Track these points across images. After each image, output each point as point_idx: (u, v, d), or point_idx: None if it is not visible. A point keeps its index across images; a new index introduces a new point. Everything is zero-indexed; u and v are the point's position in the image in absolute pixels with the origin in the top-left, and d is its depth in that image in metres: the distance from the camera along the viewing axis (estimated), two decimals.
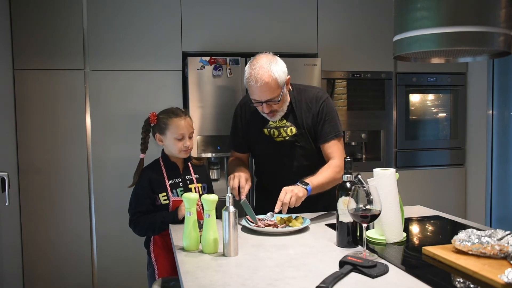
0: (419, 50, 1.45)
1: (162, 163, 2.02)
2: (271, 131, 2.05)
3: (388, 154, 3.43)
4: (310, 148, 2.03)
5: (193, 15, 3.00)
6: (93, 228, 2.90)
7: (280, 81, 1.89)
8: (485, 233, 1.34)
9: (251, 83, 1.88)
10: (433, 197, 3.45)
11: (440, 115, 3.59)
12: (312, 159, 2.04)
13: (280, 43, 3.10)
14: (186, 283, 1.23)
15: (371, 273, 1.24)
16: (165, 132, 1.97)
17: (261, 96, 1.89)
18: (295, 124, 2.02)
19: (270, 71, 1.87)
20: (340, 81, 3.32)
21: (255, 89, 1.89)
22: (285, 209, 1.74)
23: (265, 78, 1.85)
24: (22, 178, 2.79)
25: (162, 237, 1.98)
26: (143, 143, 2.05)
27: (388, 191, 1.54)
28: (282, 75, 1.91)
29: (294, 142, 2.02)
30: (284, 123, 2.03)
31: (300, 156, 2.04)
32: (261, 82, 1.85)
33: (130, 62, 2.92)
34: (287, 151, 2.04)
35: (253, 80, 1.87)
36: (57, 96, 2.83)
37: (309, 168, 1.99)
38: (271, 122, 2.04)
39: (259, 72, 1.86)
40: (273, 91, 1.88)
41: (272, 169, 2.10)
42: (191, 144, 1.99)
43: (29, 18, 2.78)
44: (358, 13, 3.30)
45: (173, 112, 2.00)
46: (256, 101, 1.93)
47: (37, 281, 2.83)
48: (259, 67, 1.88)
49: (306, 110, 2.02)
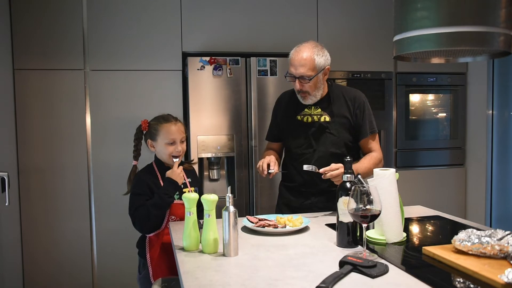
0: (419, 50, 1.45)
1: (156, 168, 2.02)
2: (304, 117, 2.12)
3: (388, 154, 3.43)
4: (339, 137, 2.09)
5: (193, 15, 3.00)
6: (93, 228, 2.90)
7: (318, 64, 2.01)
8: (485, 233, 1.34)
9: (292, 56, 2.03)
10: (433, 197, 3.45)
11: (440, 115, 3.59)
12: (339, 148, 2.09)
13: (280, 43, 3.10)
14: (186, 283, 1.23)
15: (371, 273, 1.24)
16: (156, 138, 1.99)
17: (296, 68, 2.00)
18: (329, 114, 2.10)
19: (312, 51, 2.01)
20: (340, 81, 3.32)
21: (293, 60, 2.02)
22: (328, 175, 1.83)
23: (305, 54, 2.00)
24: (22, 178, 2.79)
25: (157, 238, 1.97)
26: (136, 150, 2.07)
27: (388, 191, 1.54)
28: (322, 61, 2.03)
29: (325, 128, 2.09)
30: (319, 112, 2.11)
31: (328, 142, 2.09)
32: (300, 56, 2.00)
33: (130, 62, 2.92)
34: (315, 134, 2.10)
35: (295, 53, 2.03)
36: (57, 96, 2.83)
37: (335, 156, 2.05)
38: (306, 109, 2.12)
39: (302, 48, 2.02)
40: (308, 69, 1.99)
41: (299, 152, 2.14)
42: (182, 148, 2.00)
43: (29, 18, 2.78)
44: (358, 13, 3.30)
45: (163, 118, 2.02)
46: (291, 74, 2.03)
47: (37, 281, 2.83)
48: (304, 46, 2.03)
49: (344, 104, 2.12)
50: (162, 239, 1.96)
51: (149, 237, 1.97)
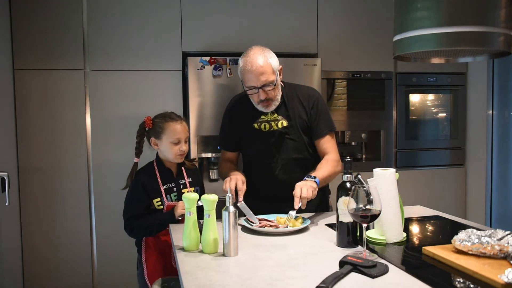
0: (419, 50, 1.45)
1: (156, 168, 2.00)
2: (261, 125, 2.06)
3: (388, 154, 3.43)
4: (300, 141, 2.04)
5: (193, 15, 3.00)
6: (93, 228, 2.90)
7: (274, 67, 1.95)
8: (485, 233, 1.34)
9: (247, 68, 1.93)
10: (433, 197, 3.45)
11: (440, 115, 3.59)
12: (301, 153, 2.05)
13: (280, 43, 3.10)
14: (186, 283, 1.23)
15: (371, 273, 1.24)
16: (161, 136, 1.96)
17: (257, 80, 1.92)
18: (286, 118, 2.04)
19: (265, 57, 1.94)
20: (340, 81, 3.32)
21: (251, 74, 1.92)
22: (304, 203, 1.75)
23: (261, 62, 1.92)
24: (22, 178, 2.79)
25: (154, 239, 1.97)
26: (138, 147, 2.03)
27: (388, 191, 1.54)
28: (275, 63, 1.97)
29: (284, 134, 2.04)
30: (276, 117, 2.05)
31: (289, 148, 2.04)
32: (257, 65, 1.91)
33: (130, 62, 2.92)
34: (276, 142, 2.04)
35: (248, 65, 1.93)
36: (57, 96, 2.83)
37: (297, 161, 2.02)
38: (262, 116, 2.05)
39: (254, 58, 1.93)
40: (269, 74, 1.93)
41: (261, 163, 2.08)
42: (186, 148, 1.99)
43: (29, 18, 2.78)
44: (358, 13, 3.30)
45: (169, 116, 1.99)
46: (251, 87, 1.95)
47: (37, 281, 2.82)
48: (253, 53, 1.95)
49: (299, 105, 2.05)
50: (160, 241, 1.97)
51: (146, 238, 1.97)
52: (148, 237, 1.97)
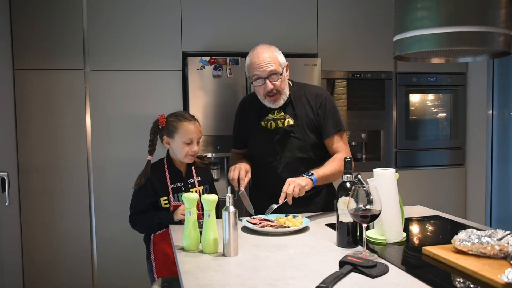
0: (419, 50, 1.45)
1: (166, 166, 2.01)
2: (268, 123, 2.06)
3: (388, 154, 3.43)
4: (305, 141, 2.03)
5: (193, 15, 3.00)
6: (93, 228, 2.90)
7: (281, 61, 1.98)
8: (485, 233, 1.34)
9: (254, 60, 1.96)
10: (433, 197, 3.45)
11: (440, 115, 3.59)
12: (305, 152, 2.03)
13: (280, 43, 3.06)
14: (186, 283, 1.23)
15: (371, 273, 1.24)
16: (174, 135, 1.96)
17: (264, 69, 1.93)
18: (293, 116, 2.04)
19: (271, 50, 1.98)
20: (340, 81, 3.32)
21: (256, 63, 1.95)
22: (290, 199, 1.77)
23: (266, 54, 1.95)
24: (22, 178, 2.79)
25: (161, 236, 1.97)
26: (151, 145, 2.01)
27: (388, 191, 1.54)
28: (282, 58, 2.00)
29: (290, 132, 2.03)
30: (282, 115, 2.05)
31: (294, 147, 2.03)
32: (263, 56, 1.94)
33: (130, 62, 2.92)
34: (280, 140, 2.04)
35: (255, 57, 1.96)
36: (57, 96, 2.83)
37: (301, 160, 2.01)
38: (269, 115, 2.06)
39: (260, 51, 1.97)
40: (275, 66, 1.94)
41: (265, 161, 2.08)
42: (198, 149, 1.98)
43: (29, 18, 2.78)
44: (358, 13, 3.30)
45: (182, 116, 1.98)
46: (258, 77, 1.96)
47: (37, 281, 2.82)
48: (260, 48, 1.99)
49: (306, 104, 2.05)
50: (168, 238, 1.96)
51: (153, 235, 1.98)
52: (155, 234, 1.97)
